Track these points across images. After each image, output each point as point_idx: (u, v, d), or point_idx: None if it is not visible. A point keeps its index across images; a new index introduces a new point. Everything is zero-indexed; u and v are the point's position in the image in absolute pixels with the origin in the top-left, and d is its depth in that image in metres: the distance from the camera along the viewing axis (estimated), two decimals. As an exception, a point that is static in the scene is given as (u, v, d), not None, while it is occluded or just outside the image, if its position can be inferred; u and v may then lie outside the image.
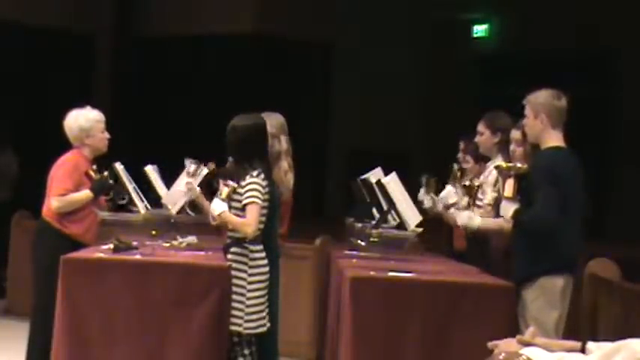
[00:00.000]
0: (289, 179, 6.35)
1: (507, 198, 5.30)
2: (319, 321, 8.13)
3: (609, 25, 13.65)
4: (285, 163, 6.32)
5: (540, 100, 5.27)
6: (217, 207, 5.50)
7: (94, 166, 6.44)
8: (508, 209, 5.27)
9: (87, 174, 6.36)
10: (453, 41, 15.46)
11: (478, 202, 6.17)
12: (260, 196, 5.43)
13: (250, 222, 5.43)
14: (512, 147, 5.89)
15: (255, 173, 5.46)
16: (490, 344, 3.28)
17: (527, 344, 3.17)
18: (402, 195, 5.83)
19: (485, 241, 6.02)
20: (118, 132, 7.03)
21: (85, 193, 6.32)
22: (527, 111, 5.32)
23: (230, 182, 5.59)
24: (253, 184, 5.44)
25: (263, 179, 5.46)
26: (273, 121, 6.09)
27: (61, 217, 6.27)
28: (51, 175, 6.38)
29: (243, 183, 5.48)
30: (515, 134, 5.83)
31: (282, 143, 6.30)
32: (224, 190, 5.57)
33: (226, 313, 5.40)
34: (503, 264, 5.77)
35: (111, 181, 6.38)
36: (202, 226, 6.29)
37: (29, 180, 7.08)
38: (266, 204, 5.51)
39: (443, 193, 6.29)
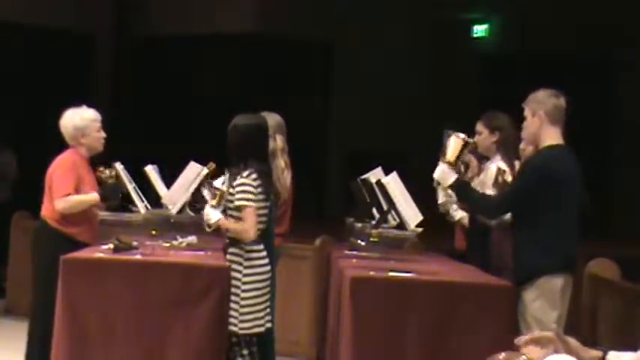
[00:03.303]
0: (286, 177, 6.35)
1: (449, 163, 5.38)
2: (319, 321, 8.13)
3: (609, 26, 13.65)
4: (281, 162, 6.32)
5: (538, 98, 5.30)
6: (212, 215, 5.53)
7: (102, 168, 6.43)
8: (447, 177, 5.32)
9: (97, 177, 6.36)
10: (453, 41, 15.46)
11: None
12: (252, 197, 5.41)
13: (248, 227, 5.43)
14: (522, 145, 5.90)
15: (245, 174, 5.44)
16: (520, 340, 3.10)
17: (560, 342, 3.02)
18: (402, 195, 5.82)
19: (486, 232, 6.02)
20: (118, 132, 7.03)
21: (92, 197, 6.30)
22: (526, 111, 5.34)
23: (219, 187, 5.61)
24: (243, 184, 5.42)
25: (255, 179, 5.43)
26: (271, 120, 6.09)
27: (61, 217, 6.25)
28: (49, 175, 6.35)
29: (234, 184, 5.48)
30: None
31: (278, 142, 6.30)
32: (215, 197, 5.61)
33: (226, 313, 5.40)
34: (503, 257, 5.78)
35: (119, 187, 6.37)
36: (202, 226, 6.28)
37: (29, 180, 7.07)
38: (262, 204, 5.50)
39: (439, 173, 6.17)
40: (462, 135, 5.56)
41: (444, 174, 5.41)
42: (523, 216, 5.28)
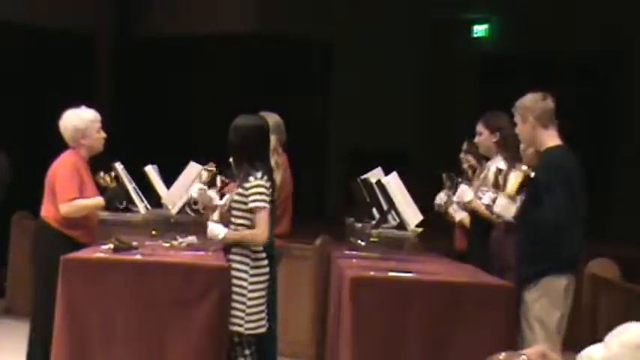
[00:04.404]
0: (276, 177, 6.35)
1: (509, 196, 5.34)
2: (319, 321, 8.13)
3: (609, 26, 13.65)
4: (272, 161, 6.32)
5: (526, 103, 5.31)
6: (217, 230, 5.49)
7: (102, 173, 6.42)
8: (509, 208, 5.29)
9: (96, 181, 6.35)
10: (453, 41, 15.46)
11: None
12: (264, 197, 5.41)
13: (260, 232, 5.41)
14: (522, 145, 5.90)
15: (259, 175, 5.44)
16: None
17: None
18: (402, 195, 5.82)
19: (486, 232, 6.03)
20: (118, 132, 7.02)
21: (97, 201, 6.28)
22: (516, 117, 5.36)
23: (218, 201, 5.66)
24: (259, 186, 5.41)
25: (267, 180, 5.45)
26: (270, 120, 6.10)
27: (63, 219, 6.24)
28: (50, 177, 6.33)
29: (246, 185, 5.45)
30: None
31: (271, 142, 6.30)
32: (203, 174, 5.65)
33: (226, 313, 5.40)
34: (503, 257, 5.80)
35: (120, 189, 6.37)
36: (202, 226, 6.28)
37: (29, 180, 7.07)
38: (269, 205, 5.51)
39: (458, 192, 6.30)
40: (524, 167, 5.53)
41: (506, 209, 5.36)
42: (528, 215, 5.27)
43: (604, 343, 2.65)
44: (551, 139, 5.27)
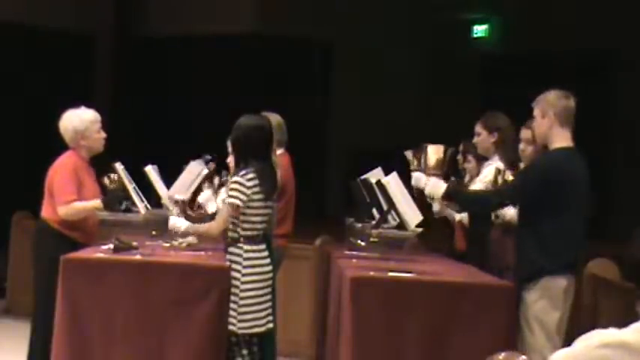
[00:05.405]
0: None
1: (435, 174, 5.51)
2: (319, 321, 8.13)
3: (609, 26, 13.65)
4: None
5: (549, 99, 5.30)
6: (179, 223, 5.73)
7: (112, 175, 6.41)
8: (438, 188, 5.44)
9: (100, 182, 6.34)
10: (453, 41, 15.47)
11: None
12: (239, 195, 5.42)
13: (213, 225, 5.58)
14: (521, 146, 5.90)
15: (242, 173, 5.46)
16: None
17: None
18: (402, 195, 5.82)
19: (486, 232, 6.03)
20: (118, 132, 7.02)
21: (95, 204, 6.28)
22: (536, 110, 5.33)
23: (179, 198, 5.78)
24: (234, 183, 5.45)
25: (250, 179, 5.44)
26: (271, 120, 6.09)
27: (62, 220, 6.24)
28: (49, 178, 6.33)
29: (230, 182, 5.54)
30: (525, 133, 5.85)
31: None
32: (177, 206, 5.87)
33: (226, 313, 5.41)
34: (503, 257, 5.79)
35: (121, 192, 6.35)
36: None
37: (29, 180, 7.07)
38: (260, 203, 5.50)
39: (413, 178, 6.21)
40: (441, 146, 5.61)
41: (434, 187, 5.45)
42: (527, 216, 5.28)
43: (571, 346, 2.71)
44: (562, 139, 5.26)
